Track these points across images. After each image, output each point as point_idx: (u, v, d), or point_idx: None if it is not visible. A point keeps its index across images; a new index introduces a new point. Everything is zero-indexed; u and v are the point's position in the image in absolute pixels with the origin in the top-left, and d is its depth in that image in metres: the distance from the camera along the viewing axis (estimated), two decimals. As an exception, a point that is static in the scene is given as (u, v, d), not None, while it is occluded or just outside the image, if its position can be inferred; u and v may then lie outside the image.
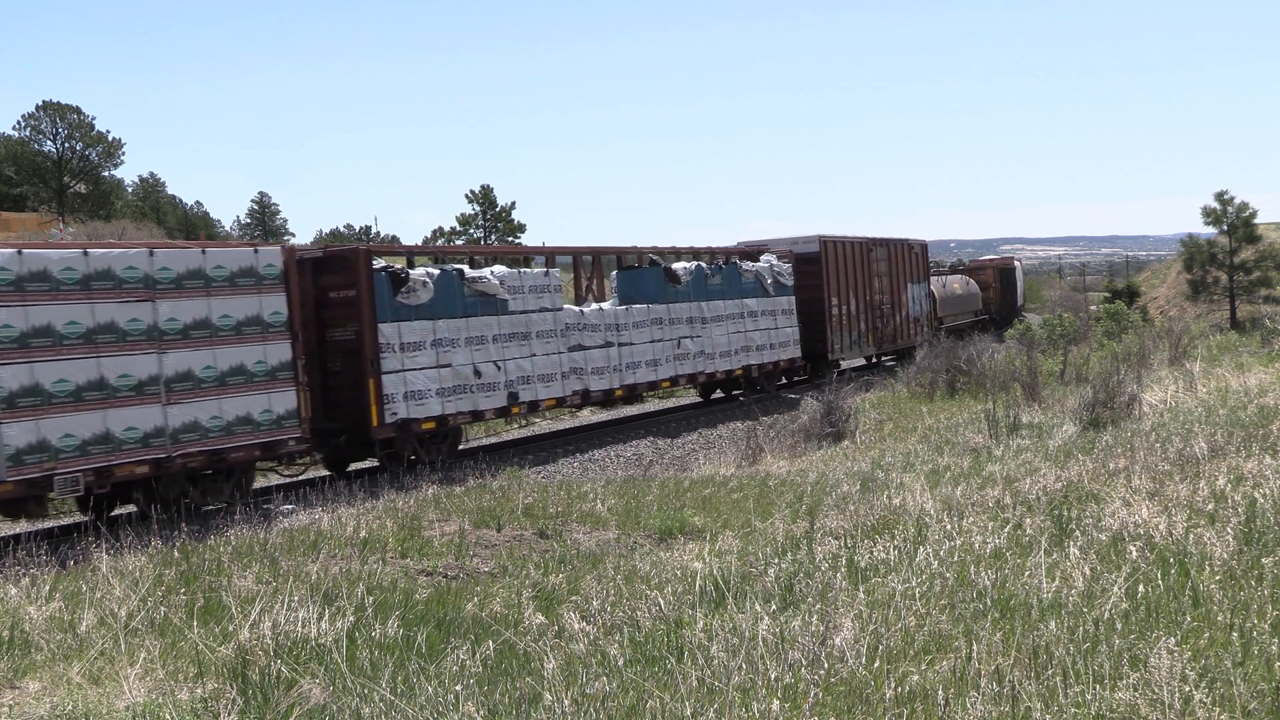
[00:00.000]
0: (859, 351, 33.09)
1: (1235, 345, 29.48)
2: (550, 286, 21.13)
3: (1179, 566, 6.47)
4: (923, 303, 37.99)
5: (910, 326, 36.69)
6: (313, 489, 15.42)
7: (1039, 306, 64.28)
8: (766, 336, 27.63)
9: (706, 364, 25.58)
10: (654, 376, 23.88)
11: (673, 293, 24.45)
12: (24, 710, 5.83)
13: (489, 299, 19.74)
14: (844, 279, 31.61)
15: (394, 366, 17.82)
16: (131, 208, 79.13)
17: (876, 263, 33.80)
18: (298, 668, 6.13)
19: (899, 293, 35.59)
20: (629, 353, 23.06)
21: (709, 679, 5.30)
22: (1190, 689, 4.62)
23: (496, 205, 58.28)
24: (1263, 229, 46.61)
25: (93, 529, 12.50)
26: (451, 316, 18.94)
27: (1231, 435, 11.59)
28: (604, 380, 22.31)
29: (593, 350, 22.03)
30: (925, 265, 38.77)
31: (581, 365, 21.60)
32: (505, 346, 20.00)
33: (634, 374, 23.27)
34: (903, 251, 36.46)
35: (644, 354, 23.47)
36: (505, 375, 19.92)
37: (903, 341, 35.89)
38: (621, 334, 22.87)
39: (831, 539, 8.70)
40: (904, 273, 36.05)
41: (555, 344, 21.06)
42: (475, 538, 11.47)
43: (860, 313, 32.54)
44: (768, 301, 27.63)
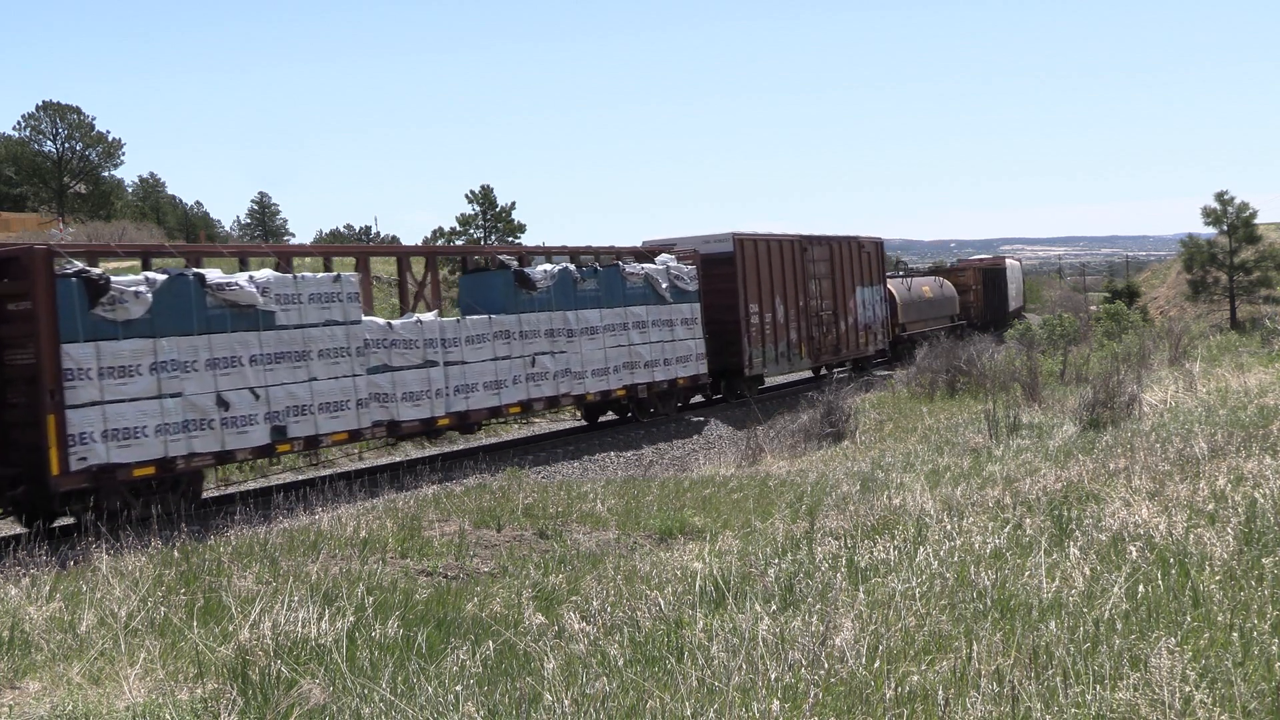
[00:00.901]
0: (788, 365, 29.06)
1: (1235, 345, 29.48)
2: (340, 295, 17.02)
3: (1179, 566, 6.47)
4: (877, 308, 34.11)
5: (860, 335, 32.93)
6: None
7: (1039, 306, 64.26)
8: (660, 350, 23.62)
9: (574, 384, 21.40)
10: (496, 401, 19.66)
11: (526, 301, 20.43)
12: (24, 710, 5.83)
13: (244, 311, 15.76)
14: (767, 282, 27.74)
15: (89, 397, 14.01)
16: (131, 208, 79.15)
17: (813, 263, 29.98)
18: (298, 668, 6.14)
19: (844, 297, 31.77)
20: (461, 373, 18.97)
21: (709, 679, 5.30)
22: (1190, 689, 4.62)
23: (496, 205, 58.22)
24: (1263, 229, 46.66)
25: (93, 529, 12.50)
26: (183, 333, 15.03)
27: (1231, 435, 11.59)
28: (421, 408, 18.22)
29: (406, 372, 18.00)
30: (880, 266, 34.80)
31: (387, 390, 17.67)
32: (270, 369, 16.07)
33: (467, 399, 19.11)
34: (849, 251, 32.49)
35: (483, 374, 19.39)
36: (268, 405, 15.99)
37: (850, 352, 32.28)
38: (450, 351, 18.81)
39: (831, 539, 8.70)
40: (851, 274, 32.30)
41: (347, 365, 17.03)
42: (475, 538, 11.47)
43: (791, 320, 28.66)
44: (662, 310, 23.66)
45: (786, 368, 29.23)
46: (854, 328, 32.39)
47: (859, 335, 32.69)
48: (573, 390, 21.51)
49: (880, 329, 34.36)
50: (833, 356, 31.35)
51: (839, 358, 31.97)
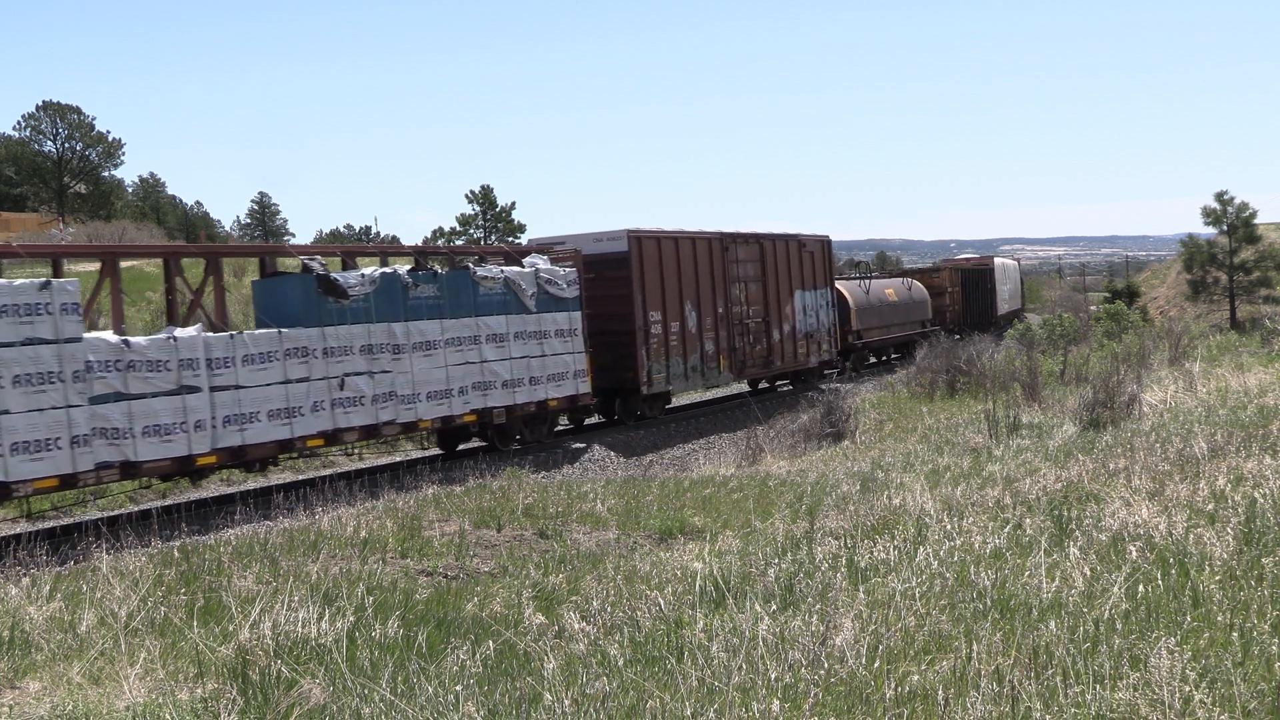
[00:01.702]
0: (703, 380, 25.74)
1: (1235, 345, 29.49)
2: (48, 306, 13.64)
3: (1179, 566, 6.47)
4: (822, 313, 30.58)
5: (801, 345, 29.39)
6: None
7: (1039, 306, 64.23)
8: (524, 367, 20.10)
9: (401, 410, 17.91)
10: (286, 433, 16.16)
11: (335, 311, 17.03)
12: (24, 710, 5.83)
13: None
14: (674, 286, 24.24)
15: None
16: (131, 208, 79.20)
17: (736, 264, 26.68)
18: (298, 668, 6.14)
19: (778, 302, 28.27)
20: (234, 400, 15.56)
21: (709, 679, 5.30)
22: (1190, 689, 4.62)
23: (496, 205, 58.30)
24: (1263, 229, 46.74)
25: (93, 528, 12.50)
26: None
27: (1231, 435, 11.58)
28: (174, 444, 14.81)
29: (152, 400, 14.61)
30: (826, 266, 31.11)
31: (120, 424, 14.21)
32: None
33: (243, 431, 15.66)
34: (786, 250, 28.92)
35: (267, 401, 15.92)
36: None
37: (785, 363, 28.80)
38: (219, 373, 15.38)
39: (831, 539, 8.70)
40: (788, 277, 28.79)
41: (58, 393, 13.60)
42: (475, 538, 11.47)
43: (706, 330, 25.26)
44: (528, 320, 20.11)
45: (700, 383, 25.82)
46: (791, 336, 28.87)
47: (797, 345, 29.13)
48: (399, 417, 17.88)
49: (827, 337, 30.88)
50: (762, 370, 27.97)
51: (770, 371, 28.52)
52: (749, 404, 25.09)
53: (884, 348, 38.59)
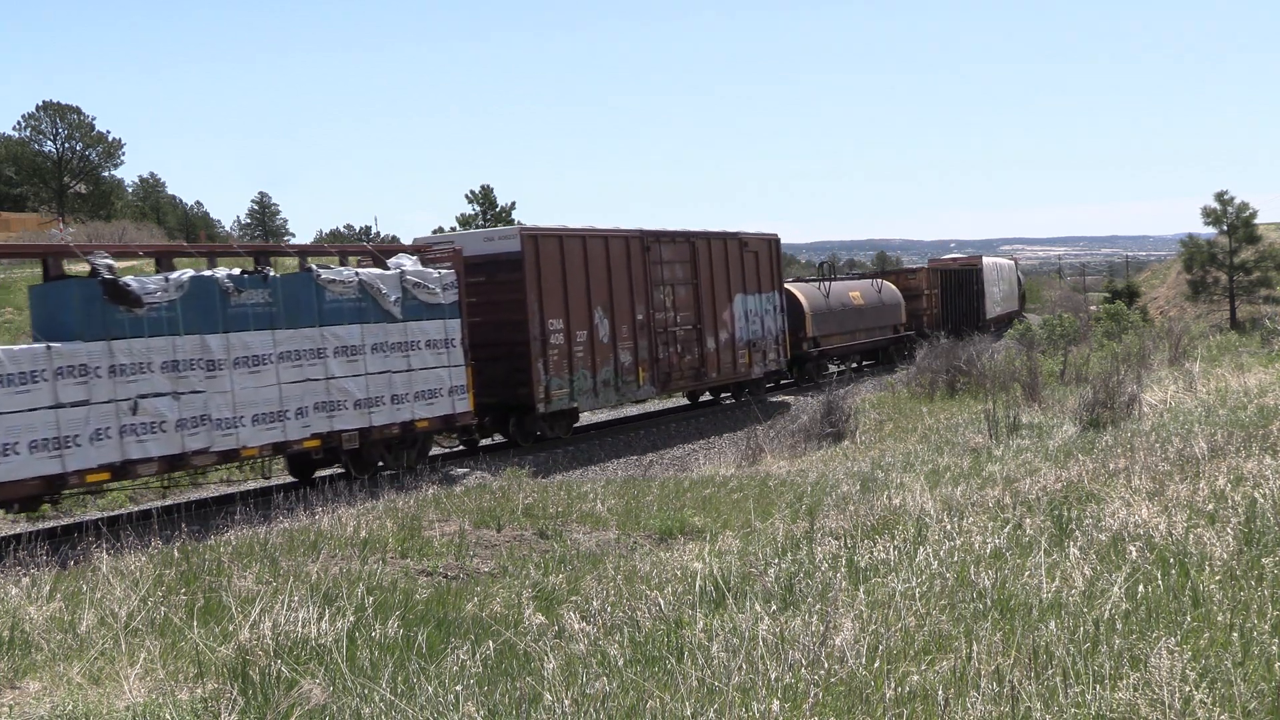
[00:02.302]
0: (617, 395, 22.90)
1: (1235, 345, 29.49)
2: None
3: (1179, 566, 6.47)
4: (769, 319, 27.97)
5: (742, 354, 26.84)
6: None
7: (1039, 306, 64.21)
8: (385, 384, 17.31)
9: (217, 436, 15.22)
10: (57, 467, 13.52)
11: (126, 322, 14.38)
12: (24, 710, 5.83)
13: None
14: (580, 290, 21.68)
15: None
16: (131, 208, 79.22)
17: (661, 266, 24.06)
18: (298, 668, 6.14)
19: (713, 308, 25.68)
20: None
21: (709, 679, 5.30)
22: (1190, 689, 4.62)
23: (496, 205, 58.28)
24: (1263, 229, 46.77)
25: (93, 528, 12.51)
26: None
27: (1231, 435, 11.59)
28: None
29: None
30: (774, 268, 28.42)
31: None
32: None
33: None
34: (724, 251, 26.33)
35: (27, 430, 13.25)
36: None
37: (723, 375, 26.21)
38: None
39: (831, 539, 8.70)
40: (726, 279, 26.21)
41: None
42: (475, 538, 11.47)
43: (623, 339, 22.67)
44: (389, 330, 17.36)
45: (614, 399, 23.04)
46: (729, 345, 26.26)
47: (737, 354, 26.55)
48: (215, 444, 15.21)
49: (775, 345, 28.22)
50: (692, 382, 25.23)
51: (703, 383, 25.84)
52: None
53: (847, 355, 35.47)
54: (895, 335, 37.35)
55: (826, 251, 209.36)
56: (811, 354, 32.03)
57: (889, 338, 37.00)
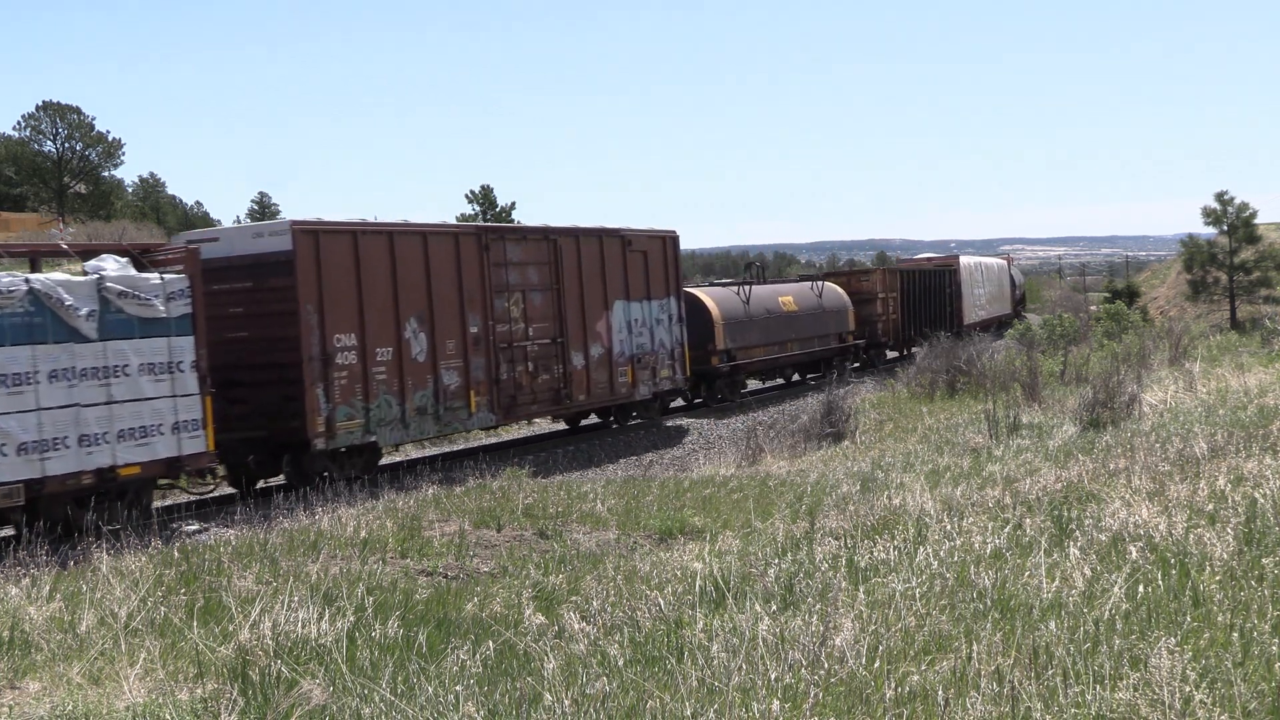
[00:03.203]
0: (438, 424, 18.57)
1: (1235, 345, 29.49)
2: None
3: (1179, 567, 6.47)
4: (662, 330, 23.70)
5: (622, 371, 22.47)
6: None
7: (1039, 306, 64.22)
8: (71, 421, 13.23)
9: None
10: None
11: None
12: (24, 710, 5.84)
13: None
14: (382, 299, 17.59)
15: None
16: (131, 208, 79.23)
17: (506, 269, 19.87)
18: (298, 668, 6.14)
19: (582, 318, 21.48)
20: None
21: (709, 679, 5.30)
22: (1190, 689, 4.62)
23: (496, 205, 58.22)
24: (1263, 229, 46.76)
25: (93, 529, 12.51)
26: None
27: (1231, 435, 11.59)
28: None
29: None
30: (670, 270, 24.20)
31: None
32: None
33: None
34: (600, 251, 22.12)
35: None
36: None
37: (595, 396, 21.90)
38: None
39: (831, 539, 8.70)
40: (602, 284, 22.04)
41: None
42: (475, 538, 11.47)
43: (449, 356, 18.58)
44: (78, 351, 13.37)
45: (433, 429, 18.67)
46: (605, 361, 21.99)
47: (615, 371, 22.26)
48: None
49: (670, 360, 23.99)
50: (550, 406, 21.06)
51: (566, 407, 21.54)
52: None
53: (774, 370, 30.81)
54: (841, 346, 32.89)
55: (826, 251, 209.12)
56: (722, 370, 27.25)
57: (832, 348, 32.43)
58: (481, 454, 19.58)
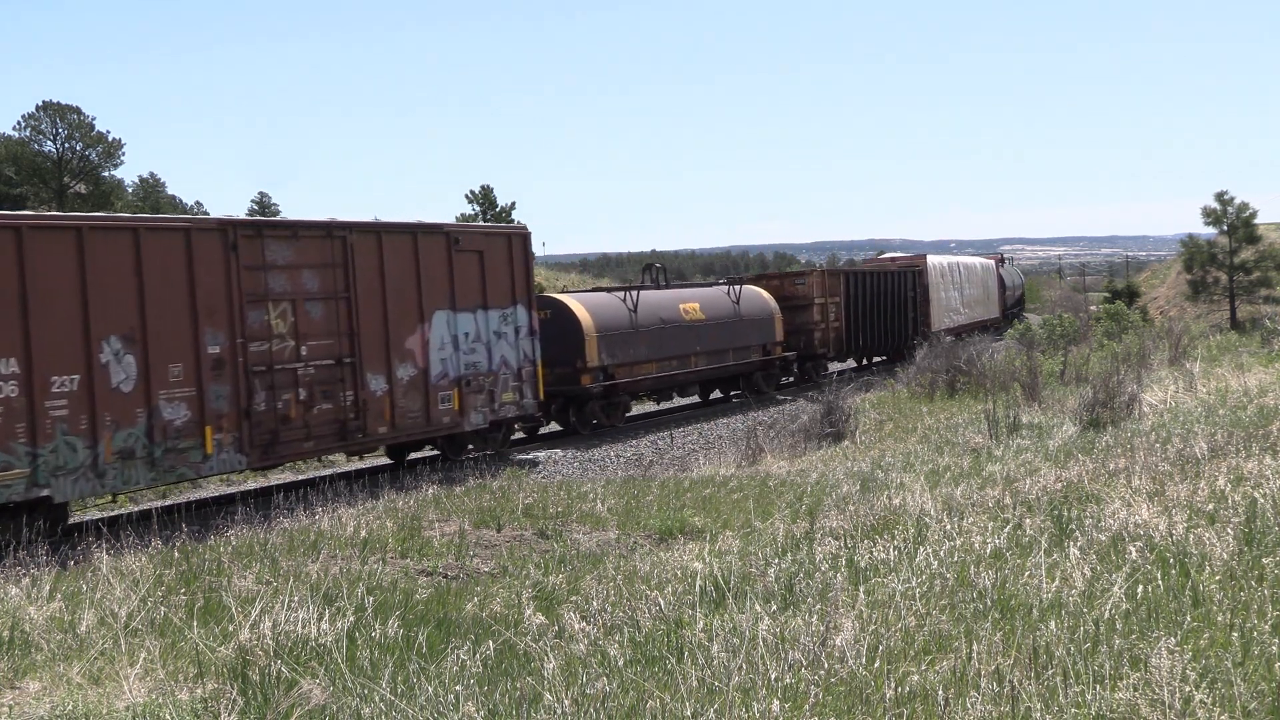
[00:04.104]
0: (157, 471, 14.75)
1: (1235, 345, 29.48)
2: None
3: (1179, 566, 6.47)
4: (507, 346, 19.82)
5: (446, 396, 18.56)
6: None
7: (1039, 306, 64.21)
8: None
9: None
10: None
11: None
12: (24, 710, 5.84)
13: None
14: (70, 313, 14.03)
15: None
16: (131, 208, 79.21)
17: (267, 273, 16.13)
18: (298, 668, 6.14)
19: (384, 334, 17.63)
20: None
21: (709, 679, 5.30)
22: (1190, 689, 4.63)
23: (496, 205, 58.21)
24: (1263, 229, 46.81)
25: (93, 528, 12.50)
26: None
27: (1231, 435, 11.59)
28: None
29: None
30: (519, 274, 20.22)
31: None
32: None
33: None
34: (412, 250, 18.30)
35: None
36: None
37: (404, 427, 17.94)
38: None
39: (831, 539, 8.70)
40: (416, 291, 18.20)
41: None
42: (475, 538, 11.47)
43: (170, 384, 14.85)
44: None
45: (148, 476, 14.71)
46: (418, 385, 18.13)
47: (435, 397, 18.37)
48: None
49: (518, 381, 20.07)
50: (336, 442, 17.10)
51: (358, 442, 17.48)
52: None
53: (668, 388, 26.66)
54: (765, 359, 28.92)
55: (827, 251, 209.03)
56: (594, 390, 23.17)
57: (753, 362, 28.50)
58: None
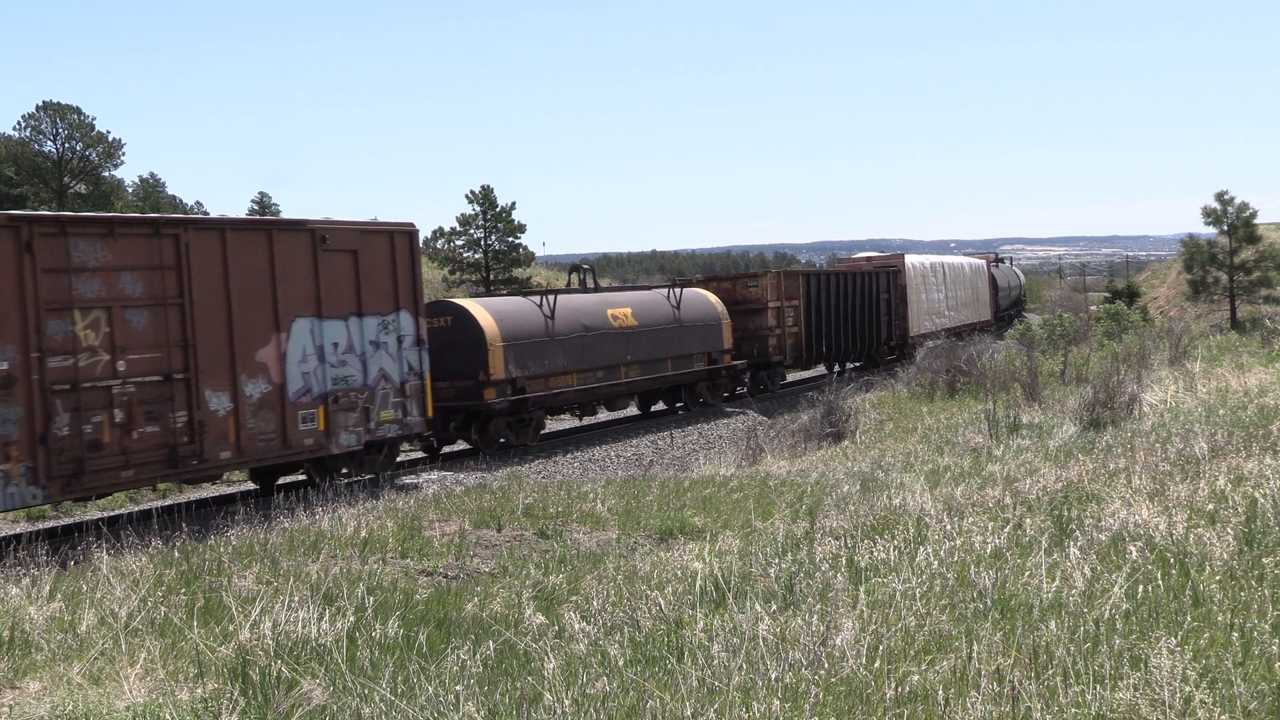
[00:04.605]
0: None
1: (1235, 345, 29.48)
2: None
3: (1179, 566, 6.47)
4: (387, 357, 17.53)
5: (307, 414, 16.28)
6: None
7: (1039, 307, 64.21)
8: None
9: None
10: None
11: None
12: (24, 710, 5.83)
13: None
14: None
15: None
16: (131, 208, 79.21)
17: (73, 276, 13.82)
18: (298, 668, 6.14)
19: (229, 345, 15.37)
20: None
21: (709, 679, 5.30)
22: (1190, 689, 4.63)
23: (496, 205, 58.19)
24: (1263, 229, 46.84)
25: (93, 528, 12.50)
26: None
27: (1231, 435, 11.59)
28: None
29: None
30: (403, 275, 17.85)
31: None
32: None
33: None
34: (267, 249, 16.03)
35: None
36: None
37: (257, 450, 15.62)
38: None
39: (832, 539, 8.70)
40: (272, 296, 15.97)
41: None
42: (475, 538, 11.47)
43: None
44: None
45: None
46: (273, 403, 15.85)
47: (293, 416, 16.10)
48: None
49: (400, 396, 17.73)
50: (163, 469, 14.68)
51: (186, 471, 14.99)
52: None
53: (592, 401, 23.84)
54: (711, 368, 26.50)
55: (826, 251, 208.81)
56: (498, 406, 20.49)
57: (698, 371, 26.06)
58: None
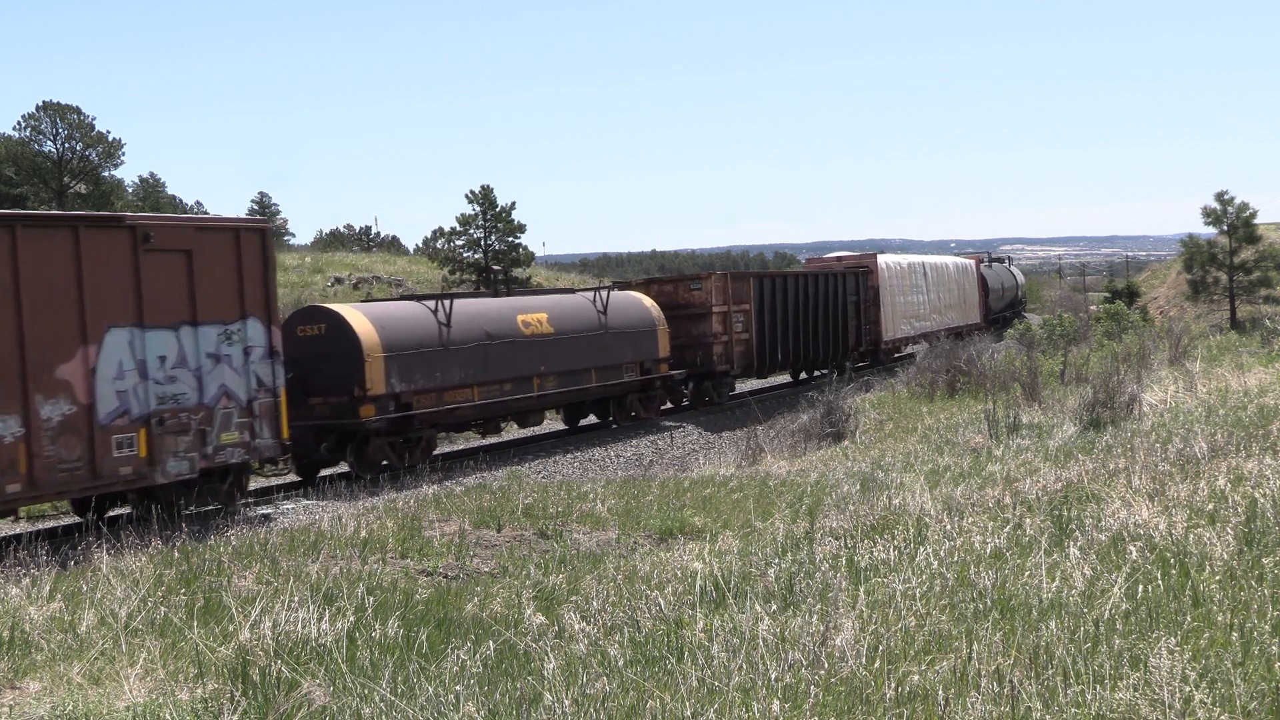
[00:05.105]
0: None
1: (1235, 345, 29.47)
2: None
3: (1179, 566, 6.47)
4: (231, 371, 15.22)
5: (126, 438, 13.91)
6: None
7: (1039, 307, 64.19)
8: None
9: None
10: None
11: None
12: (24, 710, 5.84)
13: None
14: None
15: None
16: (131, 208, 79.20)
17: None
18: (298, 668, 6.13)
19: (21, 362, 13.11)
20: None
21: (709, 679, 5.30)
22: (1190, 689, 4.63)
23: (496, 205, 58.19)
24: (1263, 229, 46.82)
25: (93, 529, 12.50)
26: None
27: (1231, 435, 11.59)
28: None
29: None
30: (248, 280, 15.51)
31: None
32: None
33: None
34: (72, 249, 13.68)
35: None
36: None
37: (49, 484, 13.33)
38: None
39: (831, 539, 8.70)
40: (78, 303, 13.63)
41: None
42: (475, 538, 11.47)
43: None
44: None
45: None
46: (76, 426, 13.48)
47: (104, 441, 13.73)
48: None
49: (247, 416, 15.37)
50: None
51: None
52: None
53: (499, 417, 21.60)
54: (643, 378, 24.31)
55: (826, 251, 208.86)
56: (374, 426, 18.27)
57: (628, 382, 23.94)
58: None
